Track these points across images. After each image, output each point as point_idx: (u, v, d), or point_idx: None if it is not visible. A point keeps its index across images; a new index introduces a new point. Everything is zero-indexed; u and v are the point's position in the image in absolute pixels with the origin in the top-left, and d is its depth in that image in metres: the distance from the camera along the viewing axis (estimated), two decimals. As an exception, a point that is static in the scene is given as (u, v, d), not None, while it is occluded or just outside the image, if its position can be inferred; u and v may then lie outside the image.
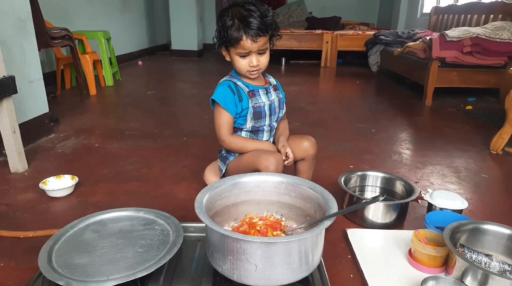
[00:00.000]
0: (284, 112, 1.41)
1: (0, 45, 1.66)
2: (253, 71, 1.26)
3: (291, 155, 1.29)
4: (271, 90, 1.36)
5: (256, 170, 1.22)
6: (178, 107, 3.07)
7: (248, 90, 1.30)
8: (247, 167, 1.27)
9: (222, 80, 1.34)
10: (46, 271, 0.87)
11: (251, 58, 1.23)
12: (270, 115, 1.33)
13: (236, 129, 1.36)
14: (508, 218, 1.38)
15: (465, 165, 1.88)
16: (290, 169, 1.40)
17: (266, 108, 1.31)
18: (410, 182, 1.37)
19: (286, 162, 1.29)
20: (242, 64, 1.24)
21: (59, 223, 1.21)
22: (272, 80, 1.41)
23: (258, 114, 1.30)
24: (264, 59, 1.26)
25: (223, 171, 1.40)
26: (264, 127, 1.35)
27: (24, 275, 1.00)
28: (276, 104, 1.35)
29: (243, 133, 1.35)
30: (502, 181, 1.75)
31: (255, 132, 1.36)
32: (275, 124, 1.38)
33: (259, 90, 1.32)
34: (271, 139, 1.41)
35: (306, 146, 1.36)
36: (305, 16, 6.18)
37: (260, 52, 1.23)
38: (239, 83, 1.30)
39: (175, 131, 2.32)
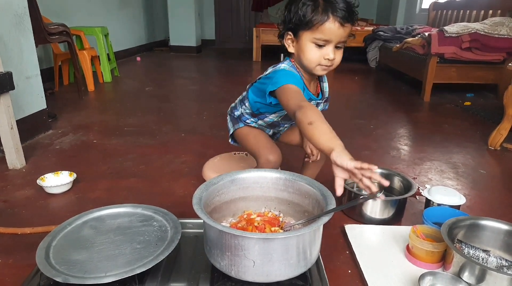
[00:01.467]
0: None
1: (-4, 41, 1.65)
2: (325, 66, 1.07)
3: (315, 152, 1.26)
4: (322, 103, 1.20)
5: (255, 156, 1.22)
6: (176, 103, 3.06)
7: None
8: (249, 150, 1.28)
9: (281, 67, 1.11)
10: (44, 267, 0.87)
11: (328, 50, 1.03)
12: None
13: (257, 114, 1.25)
14: (506, 214, 1.38)
15: (463, 161, 1.88)
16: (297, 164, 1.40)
17: None
18: (408, 178, 1.37)
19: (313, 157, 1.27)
20: (315, 55, 1.04)
21: (57, 219, 1.21)
22: (326, 90, 1.22)
23: (288, 118, 1.20)
24: (339, 56, 1.07)
25: (231, 132, 1.34)
26: (286, 125, 1.33)
27: (22, 271, 1.00)
28: None
29: (260, 121, 1.27)
30: (500, 177, 1.75)
31: (274, 126, 1.29)
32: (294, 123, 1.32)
33: (312, 100, 1.15)
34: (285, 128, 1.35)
35: None
36: (304, 12, 6.16)
37: (338, 46, 1.05)
38: None
39: (173, 128, 2.32)
